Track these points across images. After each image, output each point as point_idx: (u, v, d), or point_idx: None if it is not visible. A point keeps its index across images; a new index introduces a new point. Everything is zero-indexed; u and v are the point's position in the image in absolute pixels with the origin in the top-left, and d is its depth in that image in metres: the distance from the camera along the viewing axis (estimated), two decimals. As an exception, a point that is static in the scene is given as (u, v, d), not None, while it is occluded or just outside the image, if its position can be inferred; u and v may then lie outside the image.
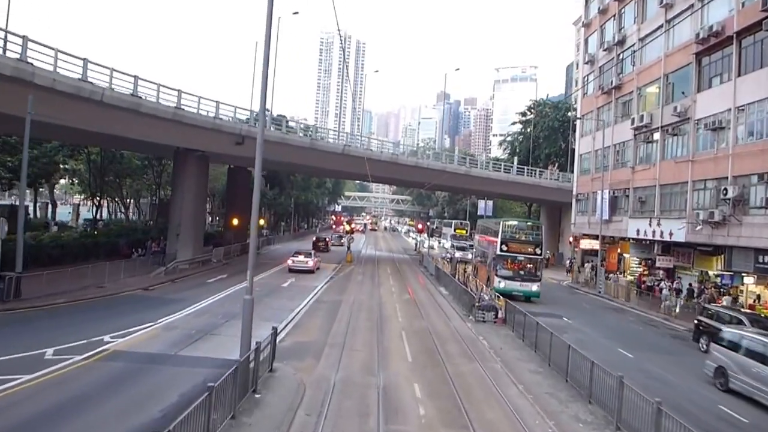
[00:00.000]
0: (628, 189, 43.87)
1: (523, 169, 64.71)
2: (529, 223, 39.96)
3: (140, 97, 31.87)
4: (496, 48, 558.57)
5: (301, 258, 43.94)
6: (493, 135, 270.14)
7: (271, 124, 44.78)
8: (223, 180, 65.15)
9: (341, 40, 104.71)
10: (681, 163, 36.92)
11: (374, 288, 37.26)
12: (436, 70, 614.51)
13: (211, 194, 76.09)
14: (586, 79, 55.29)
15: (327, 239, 73.42)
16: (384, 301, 31.58)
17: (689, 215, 35.25)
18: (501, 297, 28.72)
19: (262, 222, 71.85)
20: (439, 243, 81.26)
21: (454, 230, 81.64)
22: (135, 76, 31.62)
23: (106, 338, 18.96)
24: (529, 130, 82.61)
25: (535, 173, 65.25)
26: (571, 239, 68.17)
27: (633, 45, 44.78)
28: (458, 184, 60.88)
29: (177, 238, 38.45)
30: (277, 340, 20.21)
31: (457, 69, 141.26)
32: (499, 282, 34.13)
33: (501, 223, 37.56)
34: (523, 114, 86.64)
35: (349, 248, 55.41)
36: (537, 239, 36.38)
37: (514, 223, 39.27)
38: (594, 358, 15.77)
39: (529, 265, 35.34)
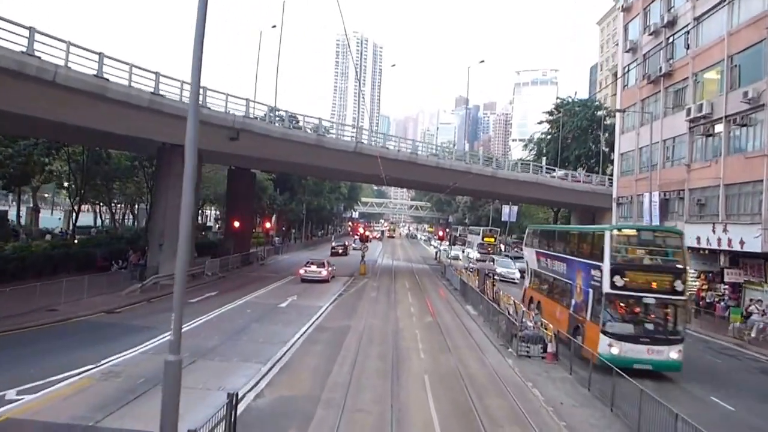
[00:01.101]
0: (683, 190, 37.90)
1: (554, 170, 58.78)
2: (657, 232, 23.02)
3: (106, 79, 26.46)
4: (516, 53, 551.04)
5: (314, 268, 40.75)
6: (513, 140, 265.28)
7: (275, 119, 39.49)
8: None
9: (346, 38, 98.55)
10: (753, 159, 30.96)
11: (390, 308, 31.55)
12: (454, 75, 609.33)
13: (214, 199, 71.06)
14: (626, 68, 49.24)
15: (346, 244, 77.09)
16: (402, 327, 25.87)
17: (766, 220, 29.34)
18: (549, 326, 22.80)
19: (268, 225, 66.34)
20: (464, 252, 75.02)
21: (482, 238, 74.87)
22: (99, 53, 26.14)
23: (11, 394, 13.57)
24: (556, 130, 76.44)
25: (567, 176, 59.22)
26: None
27: (687, 25, 38.76)
28: (483, 187, 55.06)
29: (160, 249, 32.97)
30: (255, 394, 14.73)
31: (482, 61, 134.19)
32: (610, 346, 18.66)
33: (608, 233, 20.21)
34: (550, 113, 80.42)
35: (363, 258, 49.71)
36: (676, 264, 19.85)
37: (634, 233, 21.40)
38: (687, 414, 11.26)
39: (663, 314, 19.68)
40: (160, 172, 36.98)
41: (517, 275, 44.56)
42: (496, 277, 39.82)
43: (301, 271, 41.02)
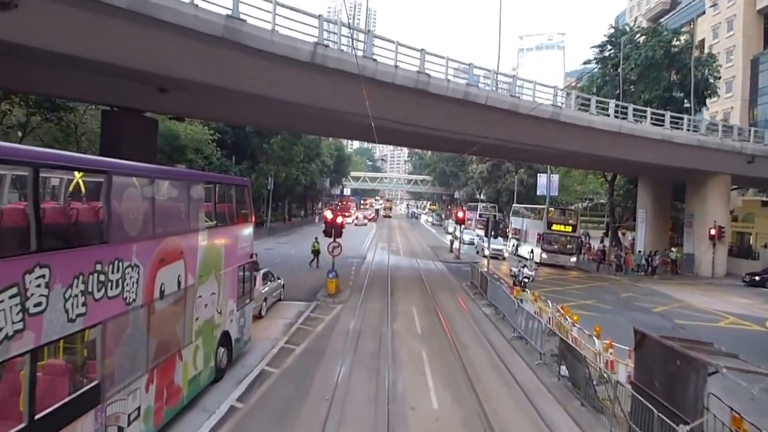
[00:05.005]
0: None
1: (645, 111, 37.58)
2: None
3: None
4: (518, 18, 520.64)
5: None
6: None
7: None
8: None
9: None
10: None
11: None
12: (452, 42, 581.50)
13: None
14: None
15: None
16: None
17: None
18: None
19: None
20: (511, 244, 53.51)
21: (548, 225, 45.65)
22: None
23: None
24: (613, 69, 54.93)
25: (663, 121, 37.97)
26: (712, 231, 41.74)
27: None
28: (532, 139, 33.64)
29: None
30: None
31: None
32: None
33: None
34: (601, 48, 58.59)
35: (332, 269, 27.71)
36: None
37: None
38: None
39: None
40: None
41: None
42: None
43: None
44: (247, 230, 16.14)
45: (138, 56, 18.47)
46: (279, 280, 24.30)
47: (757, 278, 39.40)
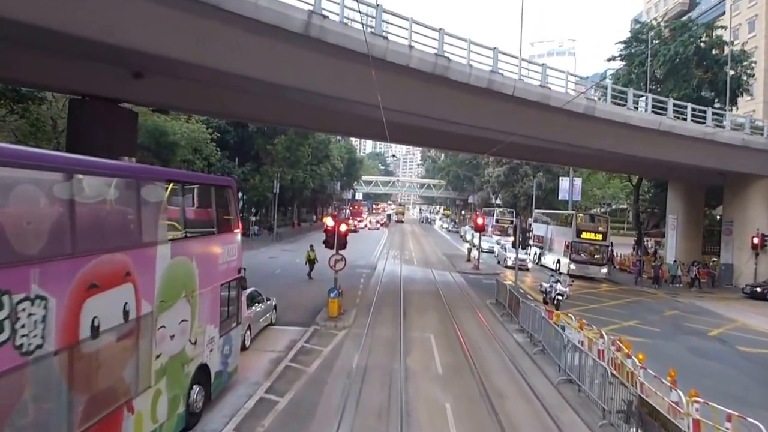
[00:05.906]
0: None
1: (685, 107, 33.59)
2: None
3: None
4: (528, 25, 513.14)
5: None
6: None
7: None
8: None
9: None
10: None
11: None
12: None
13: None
14: None
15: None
16: None
17: None
18: None
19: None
20: (533, 252, 47.89)
21: (577, 233, 40.82)
22: None
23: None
24: (638, 66, 50.76)
25: (705, 117, 34.02)
26: (755, 240, 37.76)
27: None
28: (561, 137, 29.93)
29: None
30: None
31: None
32: None
33: None
34: (626, 44, 54.44)
35: (333, 288, 23.22)
36: None
37: None
38: None
39: None
40: None
41: None
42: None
43: None
44: (232, 240, 13.45)
45: (90, 20, 14.74)
46: (269, 301, 20.52)
47: (758, 290, 36.01)
